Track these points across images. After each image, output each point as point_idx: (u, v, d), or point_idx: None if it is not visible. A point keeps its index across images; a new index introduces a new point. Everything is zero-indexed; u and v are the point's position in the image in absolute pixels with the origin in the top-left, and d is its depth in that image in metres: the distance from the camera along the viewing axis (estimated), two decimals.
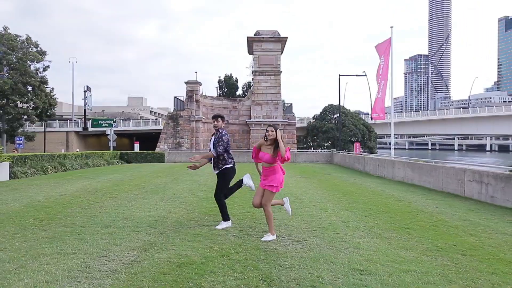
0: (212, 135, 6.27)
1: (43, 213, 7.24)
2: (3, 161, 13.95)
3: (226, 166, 6.09)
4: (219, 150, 5.96)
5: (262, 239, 5.38)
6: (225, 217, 6.15)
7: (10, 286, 3.52)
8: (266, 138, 5.47)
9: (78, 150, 52.26)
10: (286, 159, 5.37)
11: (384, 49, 17.77)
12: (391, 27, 18.05)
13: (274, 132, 5.41)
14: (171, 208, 7.91)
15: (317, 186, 12.79)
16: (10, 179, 14.33)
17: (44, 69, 47.39)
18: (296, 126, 45.50)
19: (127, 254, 4.57)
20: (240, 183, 6.27)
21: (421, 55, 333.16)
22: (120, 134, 57.94)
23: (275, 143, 5.41)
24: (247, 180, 6.24)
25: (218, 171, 6.11)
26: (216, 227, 6.05)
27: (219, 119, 6.14)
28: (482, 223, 6.88)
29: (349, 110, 58.00)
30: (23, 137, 35.21)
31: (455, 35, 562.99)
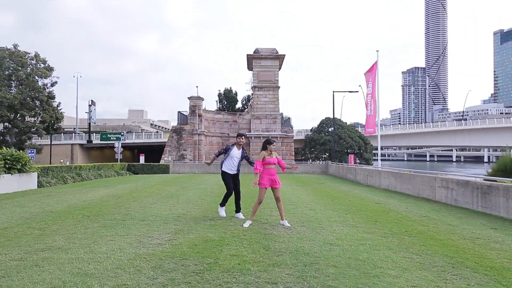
0: (231, 146, 8.30)
1: (86, 211, 9.01)
2: (33, 172, 15.73)
3: (239, 171, 8.38)
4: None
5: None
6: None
7: (97, 250, 5.30)
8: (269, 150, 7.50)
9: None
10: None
11: (372, 72, 19.75)
12: (377, 51, 20.19)
13: (272, 148, 7.55)
14: (187, 208, 9.69)
15: (310, 193, 14.57)
16: (38, 187, 16.09)
17: (52, 85, 49.28)
18: (294, 138, 47.35)
19: (165, 236, 6.34)
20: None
21: (418, 68, 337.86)
22: (122, 147, 59.81)
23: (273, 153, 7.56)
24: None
25: (238, 173, 8.35)
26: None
27: (243, 137, 8.31)
28: (437, 218, 8.67)
29: (346, 123, 59.96)
30: (34, 149, 36.92)
31: (451, 48, 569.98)
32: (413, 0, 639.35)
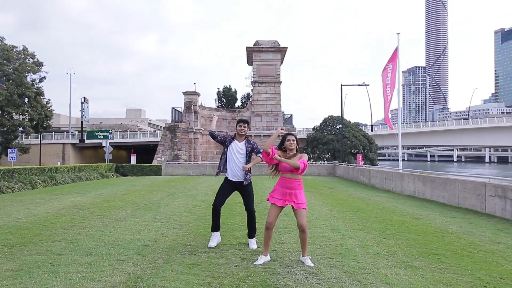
0: (230, 139, 5.74)
1: (17, 236, 6.34)
2: None
3: (250, 176, 5.75)
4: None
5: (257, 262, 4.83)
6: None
7: None
8: (284, 148, 4.93)
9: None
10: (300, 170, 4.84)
11: (391, 60, 17.07)
12: (398, 33, 17.39)
13: (295, 142, 4.92)
14: (164, 229, 7.02)
15: (323, 202, 11.90)
16: None
17: (40, 80, 46.59)
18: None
19: None
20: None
21: (419, 67, 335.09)
22: (117, 146, 57.01)
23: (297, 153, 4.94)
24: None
25: (248, 183, 5.67)
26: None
27: (246, 124, 5.73)
28: None
29: (349, 121, 57.38)
30: (16, 149, 34.10)
31: (452, 47, 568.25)
32: None
